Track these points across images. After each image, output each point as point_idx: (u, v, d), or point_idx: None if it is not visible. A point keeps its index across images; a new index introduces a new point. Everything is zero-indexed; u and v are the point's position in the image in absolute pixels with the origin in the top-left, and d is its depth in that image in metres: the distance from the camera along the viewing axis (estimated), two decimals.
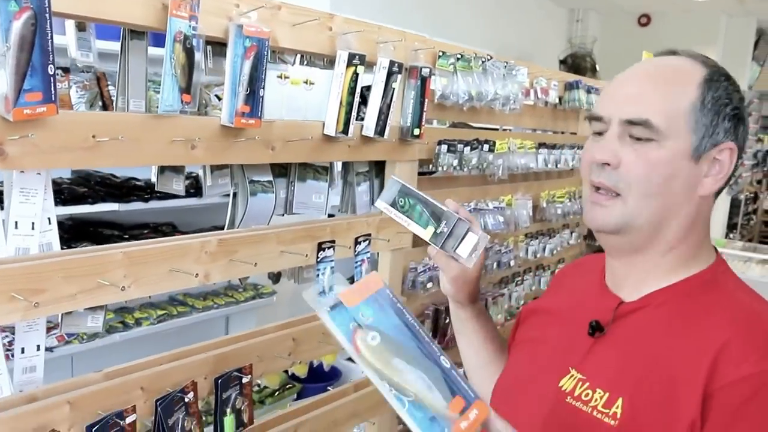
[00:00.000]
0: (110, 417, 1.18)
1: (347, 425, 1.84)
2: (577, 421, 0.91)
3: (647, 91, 0.91)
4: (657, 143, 0.89)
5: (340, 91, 1.53)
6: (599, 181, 0.92)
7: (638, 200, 0.90)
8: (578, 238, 3.18)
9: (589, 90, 2.94)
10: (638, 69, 0.96)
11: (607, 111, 0.93)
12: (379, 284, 0.81)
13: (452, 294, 1.16)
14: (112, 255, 1.20)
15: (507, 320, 2.58)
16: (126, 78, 1.26)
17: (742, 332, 0.86)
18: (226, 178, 1.52)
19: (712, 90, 0.90)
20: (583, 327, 0.98)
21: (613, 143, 0.91)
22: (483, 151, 2.16)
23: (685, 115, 0.89)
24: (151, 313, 2.68)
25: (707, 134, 0.90)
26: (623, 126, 0.90)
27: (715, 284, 0.94)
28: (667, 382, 0.86)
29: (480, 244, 1.04)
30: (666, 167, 0.89)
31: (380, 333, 0.76)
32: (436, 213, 1.06)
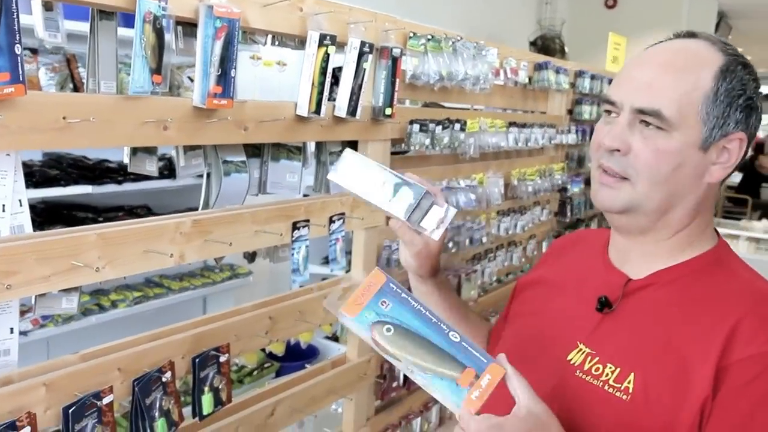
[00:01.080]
0: (87, 398, 1.18)
1: (325, 402, 1.87)
2: (588, 395, 0.92)
3: (661, 80, 0.89)
4: (667, 133, 0.89)
5: (312, 72, 1.54)
6: (608, 165, 0.93)
7: (646, 186, 0.91)
8: (549, 215, 3.24)
9: (558, 70, 2.97)
10: (654, 54, 0.94)
11: (620, 96, 0.92)
12: (381, 280, 0.87)
13: (415, 269, 1.15)
14: (86, 236, 1.20)
15: (480, 296, 2.63)
16: (96, 59, 1.25)
17: (752, 312, 0.88)
18: (200, 158, 1.53)
19: (727, 81, 0.89)
20: (590, 302, 1.00)
21: (623, 130, 0.91)
22: (454, 130, 2.18)
23: (697, 106, 0.89)
24: (127, 295, 2.68)
25: (717, 125, 0.90)
26: (634, 113, 0.90)
27: (720, 264, 0.96)
28: (679, 359, 0.88)
29: (447, 216, 1.02)
30: (674, 157, 0.89)
31: (392, 324, 0.84)
32: (400, 184, 1.02)
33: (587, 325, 0.99)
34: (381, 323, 0.84)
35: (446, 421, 2.50)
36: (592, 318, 0.99)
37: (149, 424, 1.31)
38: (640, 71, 0.92)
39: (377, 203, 1.02)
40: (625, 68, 0.96)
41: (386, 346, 0.83)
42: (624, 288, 0.98)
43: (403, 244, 1.12)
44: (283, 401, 1.70)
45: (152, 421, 1.32)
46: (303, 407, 1.77)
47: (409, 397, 2.29)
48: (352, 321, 0.85)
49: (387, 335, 0.83)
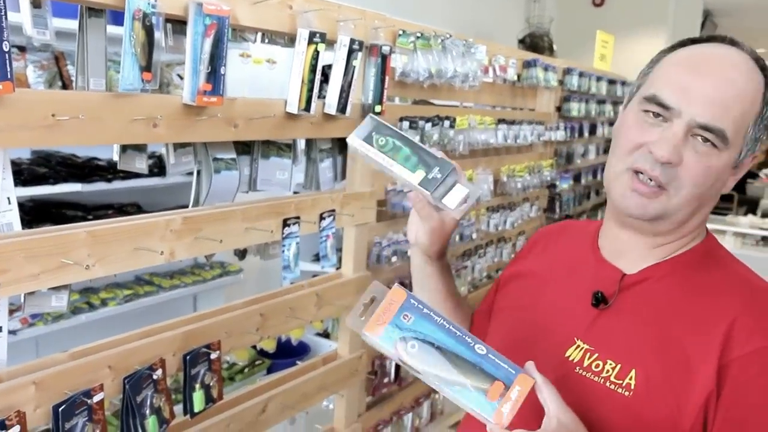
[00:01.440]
0: (77, 396, 1.18)
1: (317, 398, 1.88)
2: (589, 392, 0.91)
3: (728, 99, 0.87)
4: (719, 151, 0.88)
5: (302, 69, 1.55)
6: (654, 174, 0.89)
7: (685, 199, 0.90)
8: (538, 211, 3.26)
9: (547, 68, 2.99)
10: (714, 64, 0.90)
11: (679, 105, 0.88)
12: (402, 296, 0.86)
13: (425, 247, 1.09)
14: (76, 234, 1.20)
15: (470, 292, 2.65)
16: (85, 57, 1.25)
17: (749, 306, 0.88)
18: (190, 156, 1.53)
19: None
20: (583, 297, 0.98)
21: (679, 141, 0.87)
22: (444, 127, 2.20)
23: (747, 128, 0.89)
24: (118, 293, 2.66)
25: (752, 147, 0.91)
26: (694, 127, 0.87)
27: (712, 258, 0.97)
28: (680, 354, 0.88)
29: (471, 196, 0.98)
30: (718, 174, 0.90)
31: (417, 341, 0.84)
32: (426, 157, 0.97)
33: (583, 320, 0.97)
34: (405, 340, 0.84)
35: (437, 416, 2.52)
36: (588, 313, 0.97)
37: (140, 421, 1.31)
38: (702, 81, 0.88)
39: (400, 174, 0.97)
40: (677, 71, 0.91)
41: (412, 363, 0.83)
42: (620, 283, 0.97)
43: (416, 220, 1.06)
44: (275, 398, 1.70)
45: (143, 418, 1.32)
46: (294, 404, 1.78)
47: (400, 393, 2.30)
48: (376, 340, 0.84)
49: (412, 351, 0.83)
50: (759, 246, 5.53)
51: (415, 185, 0.97)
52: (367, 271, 2.00)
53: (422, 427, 2.45)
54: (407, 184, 0.98)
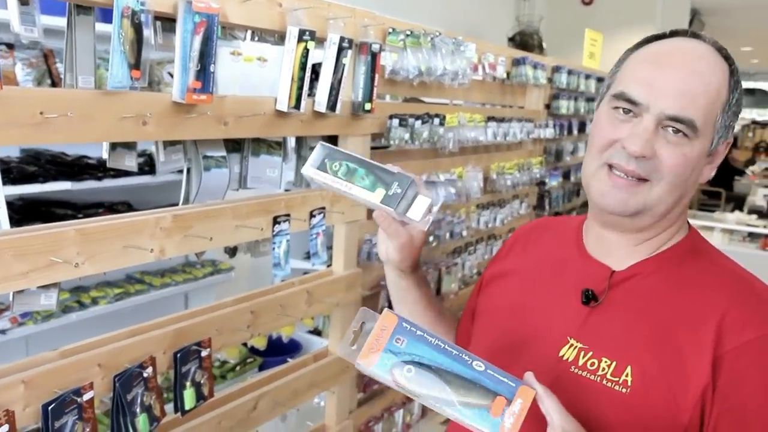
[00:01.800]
0: (67, 395, 1.18)
1: (308, 395, 1.88)
2: (586, 391, 0.92)
3: (693, 89, 0.89)
4: (690, 140, 0.89)
5: (292, 67, 1.55)
6: (630, 169, 0.90)
7: (665, 190, 0.91)
8: (528, 208, 3.28)
9: (535, 66, 3.01)
10: (678, 57, 0.91)
11: (647, 99, 0.89)
12: (394, 321, 0.85)
13: (397, 263, 1.09)
14: (65, 232, 1.20)
15: (461, 289, 2.66)
16: (73, 54, 1.24)
17: (739, 299, 0.90)
18: (179, 153, 1.52)
19: (737, 92, 0.92)
20: (572, 295, 0.99)
21: (650, 135, 0.89)
22: (434, 125, 2.20)
23: (716, 116, 0.91)
24: (108, 291, 2.65)
25: (723, 134, 0.93)
26: (664, 119, 0.89)
27: (697, 252, 0.98)
28: (673, 348, 0.88)
29: (434, 205, 0.97)
30: (694, 163, 0.91)
31: (413, 364, 0.82)
32: (383, 175, 0.97)
33: (574, 319, 0.97)
34: (401, 365, 0.82)
35: (429, 412, 2.53)
36: (579, 312, 0.97)
37: (131, 419, 1.31)
38: (667, 74, 0.90)
39: (359, 195, 0.96)
40: (643, 67, 0.93)
41: (411, 388, 0.82)
42: (609, 280, 0.97)
43: (384, 238, 1.07)
44: (266, 395, 1.71)
45: (134, 416, 1.32)
46: (285, 401, 1.78)
47: (391, 390, 2.29)
48: (371, 369, 0.83)
49: (409, 376, 0.82)
50: (746, 242, 5.59)
51: (377, 204, 0.96)
52: (358, 269, 2.01)
53: (413, 424, 2.45)
54: (369, 204, 0.97)
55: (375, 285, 2.15)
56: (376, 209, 0.99)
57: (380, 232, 1.07)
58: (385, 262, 1.12)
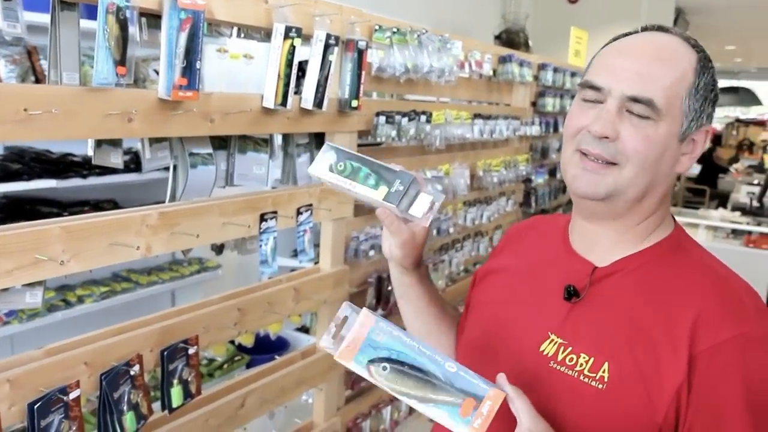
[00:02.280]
0: (53, 393, 1.17)
1: (295, 392, 1.89)
2: (564, 386, 0.93)
3: (652, 71, 0.91)
4: (654, 122, 0.91)
5: (278, 64, 1.55)
6: (597, 153, 0.92)
7: (633, 172, 0.92)
8: (514, 205, 3.30)
9: (522, 63, 3.02)
10: (640, 45, 0.95)
11: (608, 83, 0.93)
12: (371, 320, 0.88)
13: (400, 259, 1.10)
14: (50, 230, 1.19)
15: (448, 286, 2.67)
16: (58, 51, 1.23)
17: (715, 297, 0.91)
18: (166, 151, 1.52)
19: (704, 76, 0.94)
20: (556, 291, 1.00)
21: (612, 117, 0.91)
22: (420, 122, 2.21)
23: (682, 98, 0.92)
24: (94, 290, 2.64)
25: (695, 118, 0.94)
26: (624, 101, 0.91)
27: (681, 250, 0.99)
28: (650, 346, 0.89)
29: (435, 202, 1.00)
30: (660, 146, 0.92)
31: (388, 362, 0.86)
32: (385, 173, 0.99)
33: (556, 314, 0.99)
34: (377, 361, 0.86)
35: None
36: (561, 307, 0.99)
37: (117, 417, 1.30)
38: (628, 61, 0.93)
39: (363, 194, 0.99)
40: (607, 57, 0.96)
41: (385, 384, 0.85)
42: (591, 276, 0.98)
43: (387, 235, 1.08)
44: (253, 392, 1.71)
45: (120, 414, 1.31)
46: (273, 398, 1.78)
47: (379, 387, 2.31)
48: (348, 365, 0.88)
49: (384, 373, 0.86)
50: (730, 239, 5.65)
51: (380, 201, 0.99)
52: (345, 266, 2.01)
53: (401, 420, 2.46)
54: (372, 202, 1.00)
55: (362, 282, 2.15)
56: (379, 207, 1.01)
57: (384, 229, 1.09)
58: (388, 259, 1.14)
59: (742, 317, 0.89)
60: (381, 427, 2.34)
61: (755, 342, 0.88)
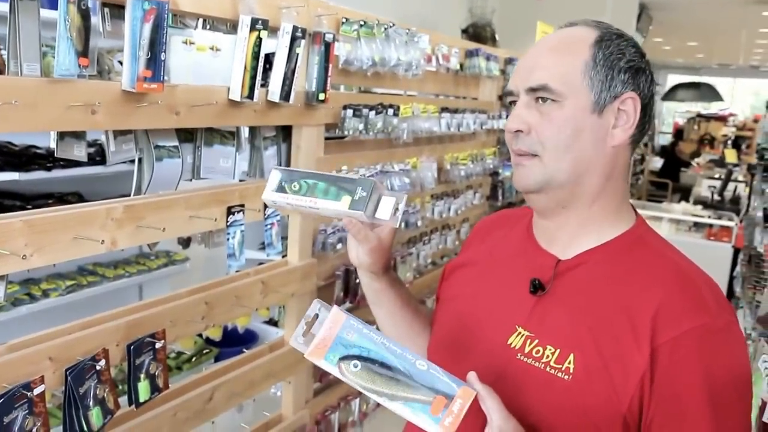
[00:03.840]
0: (16, 389, 1.16)
1: (264, 385, 1.89)
2: (531, 378, 0.95)
3: (544, 60, 0.97)
4: (559, 104, 0.95)
5: (244, 56, 1.54)
6: (518, 148, 0.98)
7: (552, 157, 0.96)
8: (481, 198, 3.33)
9: (489, 57, 3.05)
10: (538, 43, 1.03)
11: (515, 84, 1.00)
12: (341, 318, 0.89)
13: (368, 265, 1.11)
14: (11, 223, 1.17)
15: (415, 278, 2.69)
16: (18, 41, 1.21)
17: (676, 289, 0.92)
18: (131, 143, 1.50)
19: (603, 48, 0.97)
20: (522, 284, 1.02)
21: (522, 111, 0.97)
22: (388, 115, 2.22)
23: (580, 74, 0.96)
24: (60, 284, 2.59)
25: (604, 88, 0.96)
26: (529, 94, 0.97)
27: (643, 243, 1.01)
28: (614, 337, 0.91)
29: (400, 203, 1.02)
30: (570, 123, 0.95)
31: (359, 360, 0.87)
32: (343, 183, 1.00)
33: (523, 308, 1.00)
34: (348, 359, 0.87)
35: None
36: (527, 301, 1.00)
37: (83, 413, 1.29)
38: (527, 59, 1.00)
39: (327, 207, 1.00)
40: (517, 64, 1.04)
41: (356, 382, 0.86)
42: (555, 269, 1.00)
43: (354, 244, 1.09)
44: (222, 386, 1.71)
45: (86, 410, 1.30)
46: (242, 391, 1.78)
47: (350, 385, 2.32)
48: (319, 363, 0.88)
49: (354, 371, 0.86)
50: (692, 231, 5.78)
51: (347, 211, 0.99)
52: (313, 259, 2.02)
53: (369, 412, 2.48)
54: (338, 213, 1.00)
55: (330, 275, 2.16)
56: (345, 217, 1.01)
57: (349, 238, 1.09)
58: (357, 267, 1.14)
59: (702, 309, 0.91)
60: (350, 420, 2.35)
61: (715, 333, 0.90)
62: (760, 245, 3.87)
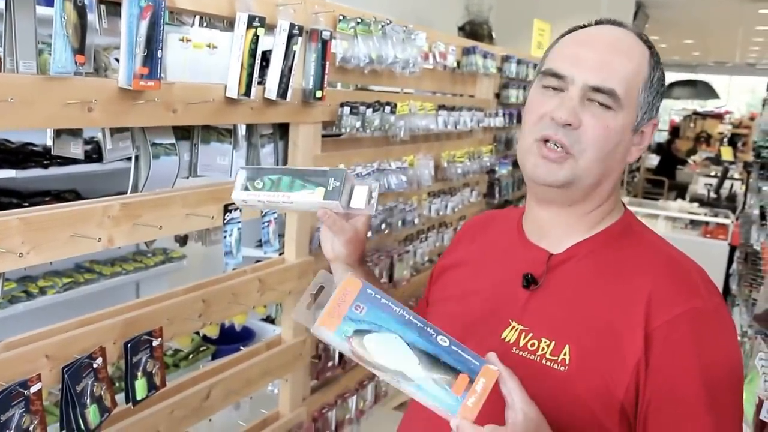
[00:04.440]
0: (13, 387, 1.16)
1: (261, 383, 1.89)
2: (527, 371, 0.93)
3: (614, 62, 0.95)
4: (614, 112, 0.95)
5: (241, 54, 1.54)
6: (558, 138, 0.95)
7: (590, 161, 0.96)
8: (478, 196, 3.34)
9: (485, 55, 3.05)
10: (599, 36, 0.99)
11: (571, 72, 0.95)
12: (358, 286, 0.81)
13: (345, 257, 1.09)
14: (8, 221, 1.17)
15: (413, 276, 2.69)
16: (13, 37, 1.21)
17: (667, 276, 0.95)
18: (127, 141, 1.50)
19: (657, 71, 0.99)
20: (515, 279, 1.02)
21: (575, 105, 0.94)
22: (385, 113, 2.22)
23: (638, 91, 0.97)
24: (57, 281, 2.58)
25: (648, 111, 0.99)
26: (587, 90, 0.94)
27: (631, 233, 1.03)
28: (608, 327, 0.92)
29: (373, 191, 1.00)
30: (617, 136, 0.96)
31: (374, 333, 0.78)
32: (315, 177, 0.98)
33: (516, 302, 1.01)
34: (360, 333, 0.78)
35: (381, 398, 2.56)
36: (520, 295, 1.01)
37: (80, 411, 1.29)
38: (590, 51, 0.96)
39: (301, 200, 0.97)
40: (568, 46, 1.00)
41: (368, 357, 0.77)
42: (547, 263, 1.01)
43: (329, 236, 1.08)
44: (219, 384, 1.70)
45: (83, 408, 1.30)
46: (239, 389, 1.78)
47: (344, 377, 2.33)
48: (329, 334, 0.79)
49: (368, 346, 0.78)
50: (688, 229, 5.80)
51: (322, 202, 0.98)
52: (310, 256, 2.02)
53: (366, 410, 2.48)
54: (313, 206, 0.99)
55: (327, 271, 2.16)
56: (320, 208, 1.00)
57: (323, 231, 1.09)
58: (332, 261, 1.12)
59: (693, 293, 0.93)
60: (347, 417, 2.35)
61: (707, 315, 0.92)
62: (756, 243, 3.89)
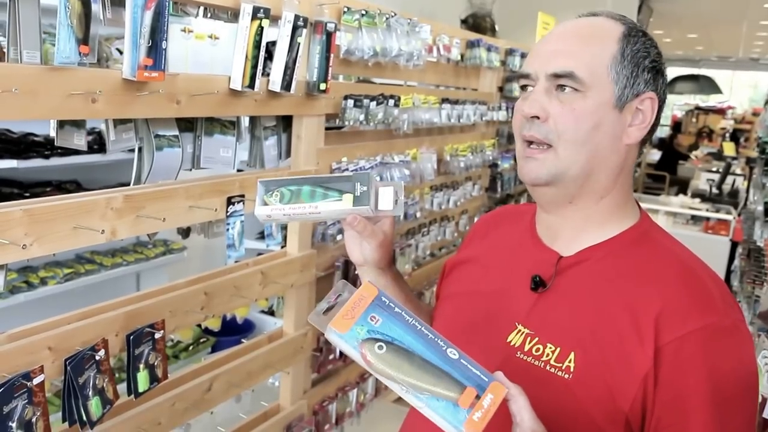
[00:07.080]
0: (16, 379, 1.16)
1: (262, 376, 1.89)
2: (530, 376, 0.92)
3: (571, 46, 0.94)
4: (582, 94, 0.92)
5: (245, 45, 1.53)
6: (530, 134, 0.94)
7: (568, 150, 0.93)
8: (480, 190, 3.33)
9: (489, 48, 3.04)
10: (562, 28, 0.99)
11: (534, 67, 0.95)
12: (374, 292, 0.82)
13: (376, 261, 1.07)
14: (11, 213, 1.16)
15: (414, 269, 2.69)
16: (17, 28, 1.20)
17: (682, 288, 0.90)
18: (131, 132, 1.49)
19: (631, 44, 0.95)
20: (523, 281, 0.99)
21: (541, 97, 0.93)
22: (388, 106, 2.21)
23: (607, 67, 0.93)
24: (58, 272, 2.59)
25: (628, 85, 0.94)
26: (550, 80, 0.93)
27: (648, 239, 0.99)
28: (617, 336, 0.89)
29: (398, 191, 0.99)
30: (592, 116, 0.93)
31: (385, 342, 0.79)
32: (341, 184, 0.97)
33: (523, 305, 0.98)
34: (372, 340, 0.78)
35: (382, 391, 2.57)
36: (528, 298, 0.98)
37: (83, 402, 1.29)
38: (550, 43, 0.97)
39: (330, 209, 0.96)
40: (535, 46, 1.00)
41: (378, 365, 0.78)
42: (556, 266, 0.98)
43: (357, 242, 1.05)
44: (220, 376, 1.71)
45: (86, 399, 1.30)
46: (240, 382, 1.79)
47: (345, 369, 2.33)
48: (340, 338, 0.79)
49: (379, 353, 0.78)
50: (689, 224, 5.80)
51: (352, 208, 0.96)
52: (312, 249, 2.01)
53: (367, 403, 2.49)
54: (343, 213, 0.97)
55: (329, 266, 2.16)
56: (350, 215, 0.98)
57: (349, 237, 1.06)
58: (360, 266, 1.10)
59: (708, 308, 0.89)
60: (347, 410, 2.36)
61: (722, 333, 0.88)
62: (760, 239, 3.87)
